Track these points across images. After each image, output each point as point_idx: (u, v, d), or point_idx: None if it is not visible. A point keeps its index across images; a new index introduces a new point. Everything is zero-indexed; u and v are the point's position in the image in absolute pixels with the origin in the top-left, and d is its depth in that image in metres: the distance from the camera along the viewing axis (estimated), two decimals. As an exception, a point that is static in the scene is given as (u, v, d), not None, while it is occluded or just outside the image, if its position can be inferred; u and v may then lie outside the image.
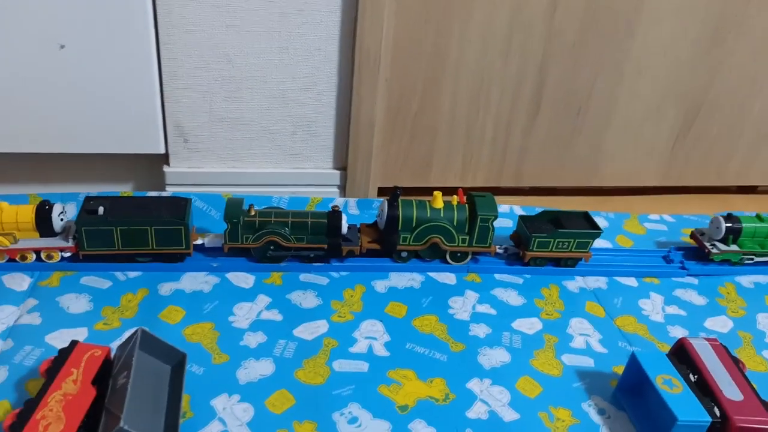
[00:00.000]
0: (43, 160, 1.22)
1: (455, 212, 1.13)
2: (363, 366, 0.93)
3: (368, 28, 1.12)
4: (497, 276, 1.16)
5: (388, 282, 1.12)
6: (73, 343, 0.82)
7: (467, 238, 1.13)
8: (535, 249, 1.15)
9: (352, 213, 1.28)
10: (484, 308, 1.08)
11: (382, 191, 1.37)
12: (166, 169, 1.22)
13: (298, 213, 1.10)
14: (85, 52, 1.07)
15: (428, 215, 1.12)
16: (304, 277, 1.11)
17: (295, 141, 1.24)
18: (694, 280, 1.21)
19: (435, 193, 1.14)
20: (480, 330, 1.02)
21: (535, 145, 1.40)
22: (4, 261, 1.04)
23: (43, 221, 1.03)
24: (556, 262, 1.18)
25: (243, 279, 1.09)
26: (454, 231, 1.12)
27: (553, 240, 1.15)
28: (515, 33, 1.25)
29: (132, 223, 1.03)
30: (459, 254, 1.15)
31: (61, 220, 1.05)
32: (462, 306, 1.08)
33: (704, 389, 0.86)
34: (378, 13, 1.12)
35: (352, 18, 1.13)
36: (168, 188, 1.24)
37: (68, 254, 1.06)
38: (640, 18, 1.29)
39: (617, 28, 1.29)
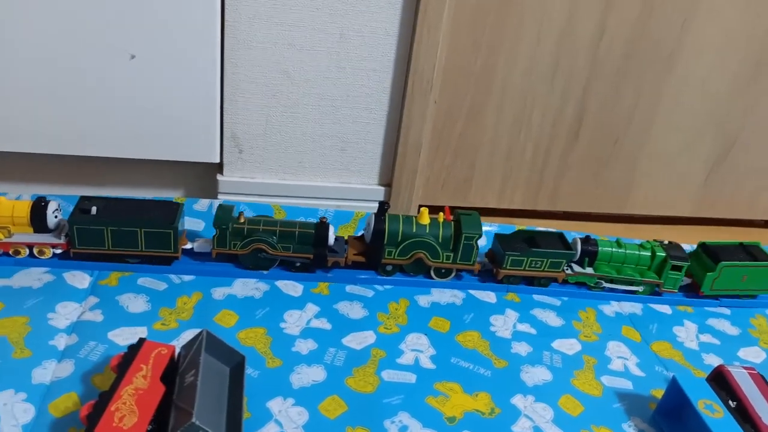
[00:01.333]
0: (100, 164, 1.27)
1: (440, 229, 1.15)
2: (410, 377, 0.96)
3: (423, 53, 1.17)
4: (536, 297, 1.20)
5: (430, 297, 1.15)
6: (141, 341, 0.86)
7: (451, 255, 1.16)
8: (508, 267, 1.17)
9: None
10: (525, 327, 1.11)
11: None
12: (219, 177, 1.27)
13: (286, 222, 1.13)
14: (154, 63, 1.12)
15: (414, 231, 1.14)
16: (350, 288, 1.15)
17: (344, 156, 1.29)
18: (726, 311, 1.24)
19: (422, 209, 1.17)
20: (521, 348, 1.06)
21: (571, 169, 1.44)
22: None
23: (37, 217, 1.06)
24: (530, 281, 1.20)
25: (291, 287, 1.13)
26: (438, 247, 1.14)
27: (527, 259, 1.17)
28: (561, 59, 1.30)
29: (122, 224, 1.06)
30: (443, 270, 1.17)
31: (56, 217, 1.08)
32: (503, 324, 1.11)
33: (744, 416, 0.89)
34: (433, 39, 1.16)
35: (408, 42, 1.18)
36: (220, 196, 1.28)
37: (59, 251, 1.08)
38: (682, 50, 1.33)
39: (659, 59, 1.33)
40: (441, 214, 1.17)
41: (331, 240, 1.13)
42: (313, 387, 0.93)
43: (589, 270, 1.21)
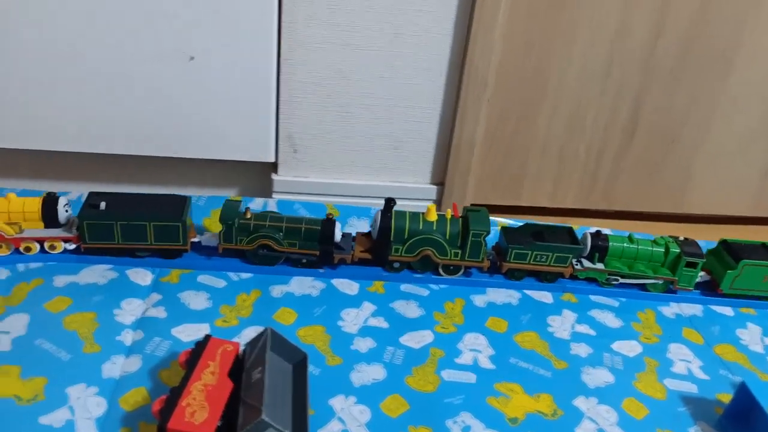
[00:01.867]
0: (159, 163, 1.30)
1: (448, 226, 1.13)
2: (470, 377, 0.96)
3: (478, 52, 1.17)
4: (593, 297, 1.18)
5: (486, 297, 1.15)
6: (207, 337, 0.88)
7: (459, 252, 1.14)
8: (512, 260, 1.15)
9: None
10: (583, 328, 1.10)
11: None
12: (274, 177, 1.28)
13: (292, 218, 1.13)
14: (212, 64, 1.14)
15: (421, 227, 1.13)
16: (405, 287, 1.15)
17: (397, 156, 1.29)
18: (790, 313, 1.21)
19: (429, 206, 1.15)
20: (581, 349, 1.04)
21: (625, 170, 1.42)
22: (10, 252, 1.08)
23: (49, 212, 1.07)
24: (537, 276, 1.18)
25: (347, 286, 1.13)
26: (446, 244, 1.13)
27: (531, 252, 1.15)
28: (615, 59, 1.28)
29: (132, 218, 1.07)
30: (452, 267, 1.16)
31: (66, 212, 1.10)
32: (561, 325, 1.10)
33: (817, 422, 0.86)
34: (489, 37, 1.16)
35: (463, 41, 1.17)
36: (274, 195, 1.30)
37: (72, 246, 1.10)
38: (739, 53, 1.30)
39: (716, 61, 1.30)
40: (449, 210, 1.15)
41: (338, 237, 1.12)
42: (374, 385, 0.93)
43: (600, 265, 1.18)
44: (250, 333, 1.00)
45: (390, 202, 1.13)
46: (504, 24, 1.18)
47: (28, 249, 1.09)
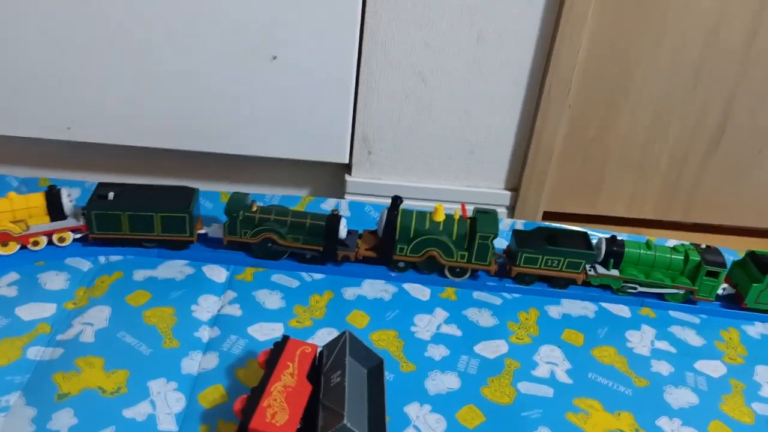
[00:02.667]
0: (232, 161, 1.31)
1: (455, 227, 1.09)
2: (548, 391, 0.94)
3: (564, 55, 1.14)
4: (672, 313, 1.14)
5: (561, 308, 1.11)
6: (285, 338, 0.88)
7: (466, 254, 1.10)
8: (522, 264, 1.11)
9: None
10: (663, 345, 1.05)
11: (547, 215, 1.37)
12: (347, 178, 1.28)
13: (298, 213, 1.11)
14: (293, 64, 1.15)
15: (427, 227, 1.09)
16: (477, 294, 1.13)
17: (472, 160, 1.27)
18: None
19: (437, 205, 1.11)
20: (662, 367, 1.01)
21: (708, 180, 1.36)
22: (18, 249, 1.06)
23: (54, 204, 1.07)
24: (549, 281, 1.13)
25: (419, 291, 1.12)
26: (452, 246, 1.09)
27: (542, 257, 1.10)
28: (706, 63, 1.23)
29: (139, 209, 1.07)
30: (458, 270, 1.12)
31: (71, 202, 1.10)
32: (640, 340, 1.06)
33: None
34: (576, 41, 1.13)
35: (548, 44, 1.14)
36: (347, 197, 1.30)
37: (79, 234, 1.10)
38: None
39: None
40: (456, 211, 1.11)
41: (343, 233, 1.10)
42: (449, 394, 0.92)
43: (615, 272, 1.13)
44: (323, 334, 1.00)
45: (397, 200, 1.10)
46: (590, 26, 1.15)
47: (36, 243, 1.08)
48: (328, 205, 1.29)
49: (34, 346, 0.91)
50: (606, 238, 1.13)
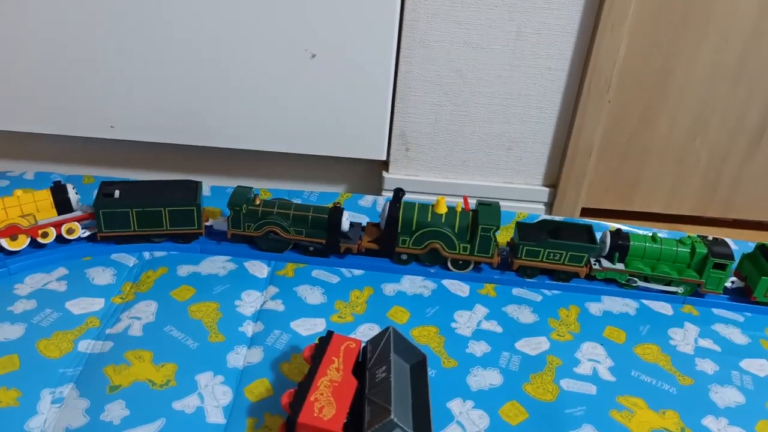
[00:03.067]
0: (269, 158, 1.32)
1: (457, 219, 1.09)
2: (591, 388, 0.93)
3: (604, 51, 1.13)
4: (715, 311, 1.12)
5: (601, 305, 1.11)
6: (330, 334, 0.89)
7: (468, 246, 1.09)
8: (523, 257, 1.10)
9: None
10: (707, 343, 1.04)
11: (585, 211, 1.36)
12: (385, 174, 1.29)
13: (300, 206, 1.12)
14: (332, 62, 1.16)
15: (429, 220, 1.09)
16: (516, 291, 1.12)
17: (510, 156, 1.27)
18: None
19: (439, 198, 1.11)
20: (707, 366, 0.99)
21: (750, 177, 1.34)
22: (28, 242, 1.07)
23: (60, 197, 1.09)
24: (552, 274, 1.13)
25: (458, 287, 1.12)
26: (454, 238, 1.09)
27: (543, 250, 1.09)
28: (749, 60, 1.21)
29: (147, 204, 1.07)
30: (461, 262, 1.12)
31: (76, 195, 1.11)
32: (683, 338, 1.05)
33: None
34: (616, 36, 1.12)
35: (588, 39, 1.14)
36: (384, 193, 1.30)
37: (87, 234, 1.11)
38: None
39: None
40: (459, 203, 1.11)
41: (345, 226, 1.10)
42: (491, 391, 0.92)
43: (620, 266, 1.11)
44: (365, 330, 1.01)
45: (399, 192, 1.10)
46: (631, 22, 1.14)
47: (45, 235, 1.08)
48: (365, 201, 1.29)
49: (85, 340, 0.93)
50: (611, 232, 1.12)
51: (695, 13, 1.17)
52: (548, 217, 1.20)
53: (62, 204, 1.10)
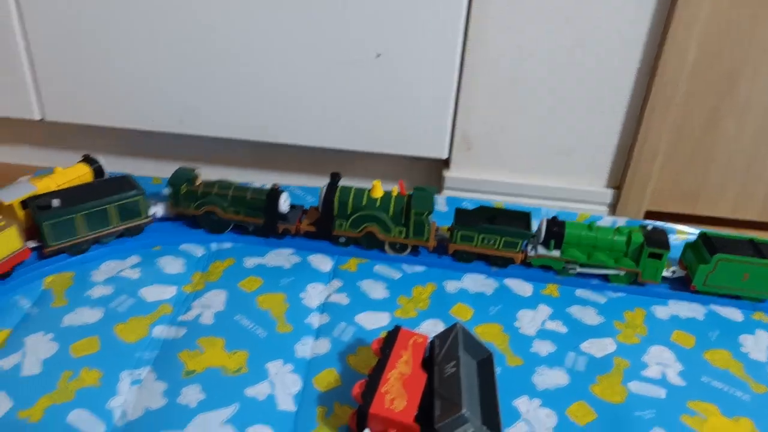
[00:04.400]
0: (332, 155, 1.34)
1: (392, 203, 1.11)
2: (660, 392, 0.92)
3: (673, 54, 1.11)
4: (787, 319, 1.10)
5: (668, 309, 1.09)
6: (397, 328, 0.90)
7: (404, 230, 1.11)
8: (458, 242, 1.11)
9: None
10: (780, 351, 1.02)
11: (648, 215, 1.34)
12: (445, 173, 1.29)
13: (240, 187, 1.13)
14: (396, 60, 1.17)
15: (364, 203, 1.11)
16: (580, 292, 1.12)
17: (572, 157, 1.26)
18: None
19: (374, 182, 1.13)
20: (780, 373, 0.97)
21: (822, 182, 1.30)
22: None
23: (97, 171, 1.16)
24: (488, 260, 1.13)
25: (521, 286, 1.12)
26: (389, 222, 1.11)
27: (477, 235, 1.10)
28: (826, 62, 1.17)
29: (92, 206, 1.06)
30: (398, 246, 1.14)
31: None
32: (755, 345, 1.02)
33: None
34: (686, 39, 1.10)
35: (656, 42, 1.12)
36: (444, 192, 1.31)
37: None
38: None
39: None
40: (395, 188, 1.13)
41: (284, 207, 1.12)
42: (558, 390, 0.91)
43: (556, 253, 1.10)
44: (429, 325, 1.01)
45: (335, 176, 1.12)
46: (701, 26, 1.12)
47: None
48: (426, 199, 1.30)
49: (159, 325, 0.96)
50: (548, 219, 1.12)
51: (765, 17, 1.14)
52: (488, 204, 1.23)
53: (99, 173, 1.18)
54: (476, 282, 1.12)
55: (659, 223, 1.21)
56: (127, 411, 0.82)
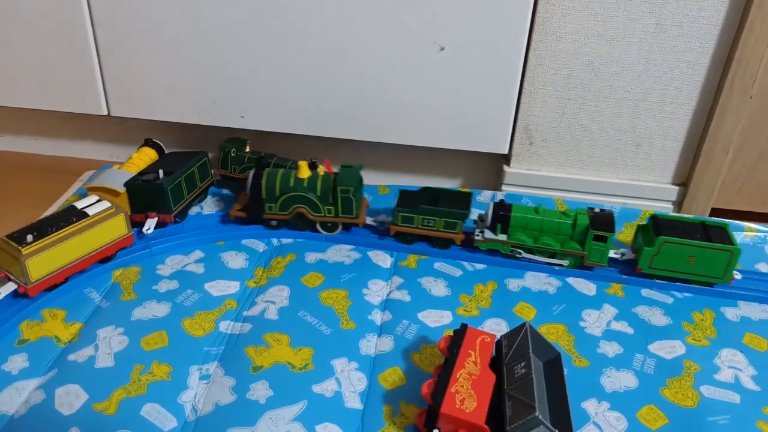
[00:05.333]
0: (390, 150, 1.34)
1: (318, 183, 1.13)
2: (734, 396, 0.89)
3: (751, 44, 1.07)
4: None
5: (738, 311, 1.05)
6: (464, 327, 0.89)
7: (333, 208, 1.13)
8: (399, 223, 1.13)
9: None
10: None
11: (714, 212, 1.30)
12: (506, 169, 1.27)
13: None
14: (460, 54, 1.15)
15: (292, 185, 1.12)
16: (645, 292, 1.09)
17: (638, 153, 1.22)
18: None
19: (300, 162, 1.14)
20: None
21: None
22: None
23: (160, 150, 1.24)
24: (429, 241, 1.15)
25: (584, 285, 1.10)
26: (318, 202, 1.12)
27: (417, 216, 1.12)
28: None
29: (186, 169, 1.17)
30: (329, 225, 1.16)
31: None
32: (832, 350, 0.99)
33: None
34: (764, 29, 1.05)
35: (733, 32, 1.08)
36: (504, 188, 1.29)
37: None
38: None
39: None
40: (321, 167, 1.15)
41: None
42: (627, 393, 0.89)
43: (502, 237, 1.09)
44: (492, 324, 1.00)
45: (261, 159, 1.14)
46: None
47: None
48: (484, 197, 1.28)
49: (225, 320, 0.98)
50: (495, 203, 1.11)
51: None
52: (432, 186, 1.25)
53: (162, 154, 1.25)
54: (538, 280, 1.11)
55: (727, 221, 1.17)
56: (198, 406, 0.84)
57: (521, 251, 1.12)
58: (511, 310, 1.04)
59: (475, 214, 1.20)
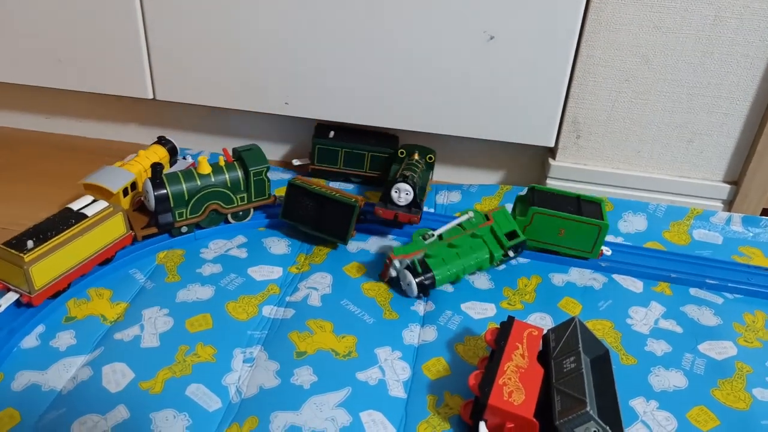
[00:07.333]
0: (432, 140, 1.32)
1: (226, 173, 1.10)
2: (788, 401, 0.87)
3: (815, 37, 1.03)
4: None
5: (791, 313, 1.03)
6: (511, 319, 0.88)
7: (245, 195, 1.12)
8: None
9: (735, 229, 1.20)
10: None
11: (765, 212, 1.27)
12: (552, 162, 1.25)
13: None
14: (509, 44, 1.13)
15: (199, 183, 1.08)
16: (694, 291, 1.06)
17: (690, 149, 1.19)
18: None
19: (200, 158, 1.09)
20: None
21: None
22: None
23: (170, 146, 1.24)
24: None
25: (631, 282, 1.08)
26: (230, 193, 1.10)
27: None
28: None
29: (354, 147, 1.26)
30: (240, 213, 1.14)
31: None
32: None
33: None
34: (830, 22, 1.02)
35: (794, 25, 1.05)
36: (548, 181, 1.27)
37: None
38: None
39: None
40: (221, 158, 1.11)
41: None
42: (676, 393, 0.87)
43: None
44: (536, 319, 0.99)
45: (156, 166, 1.07)
46: None
47: None
48: (528, 189, 1.27)
49: (268, 305, 0.98)
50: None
51: None
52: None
53: (173, 152, 1.25)
54: (583, 276, 1.09)
55: (601, 197, 1.12)
56: (242, 388, 0.84)
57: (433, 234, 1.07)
58: (556, 305, 1.02)
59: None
